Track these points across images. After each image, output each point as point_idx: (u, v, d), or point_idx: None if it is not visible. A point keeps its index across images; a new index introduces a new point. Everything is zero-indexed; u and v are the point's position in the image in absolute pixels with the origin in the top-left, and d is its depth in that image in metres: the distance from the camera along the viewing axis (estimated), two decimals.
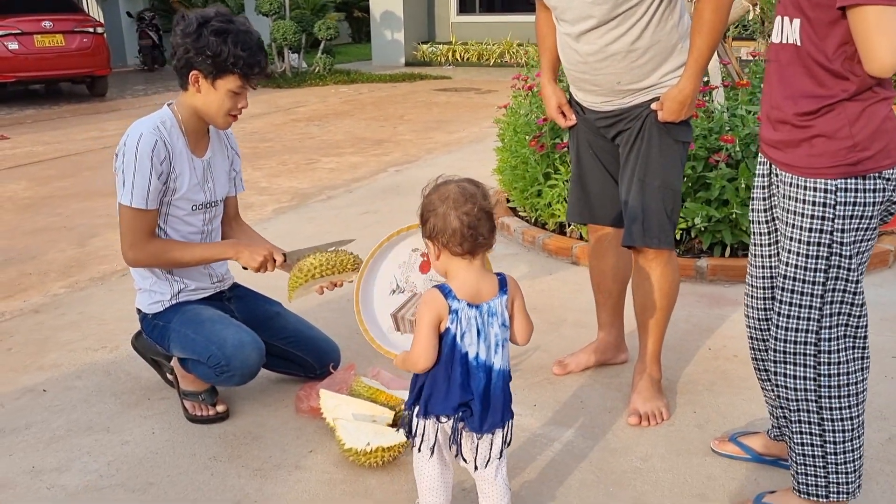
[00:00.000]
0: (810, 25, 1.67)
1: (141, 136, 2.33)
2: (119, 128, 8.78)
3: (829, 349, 1.81)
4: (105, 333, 3.27)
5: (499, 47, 14.44)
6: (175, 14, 11.84)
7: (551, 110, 2.60)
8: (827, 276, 1.77)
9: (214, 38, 2.28)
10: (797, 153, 1.75)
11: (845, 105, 1.68)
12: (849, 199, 1.71)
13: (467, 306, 1.72)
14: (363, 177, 6.13)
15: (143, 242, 2.39)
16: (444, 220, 1.70)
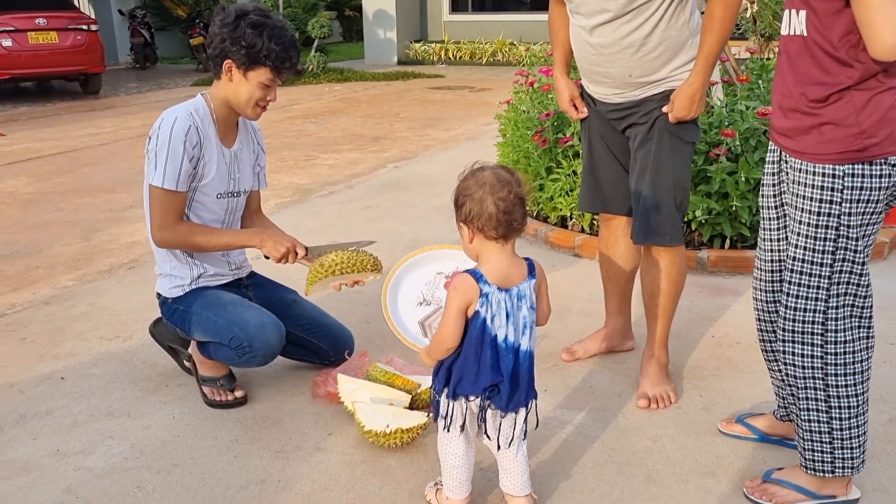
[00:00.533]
0: (816, 16, 1.75)
1: (176, 120, 2.40)
2: (115, 125, 8.81)
3: (835, 328, 1.89)
4: (118, 324, 3.31)
5: (491, 46, 14.52)
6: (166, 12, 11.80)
7: (564, 102, 2.67)
8: (834, 259, 1.84)
9: (251, 30, 2.36)
10: (806, 140, 1.82)
11: (852, 93, 1.75)
12: (856, 184, 1.78)
13: (497, 290, 1.78)
14: (363, 173, 6.18)
15: (172, 223, 2.45)
16: (481, 204, 1.76)
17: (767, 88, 4.15)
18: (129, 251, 4.34)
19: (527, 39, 14.37)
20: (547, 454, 2.29)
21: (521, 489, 1.95)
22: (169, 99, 11.00)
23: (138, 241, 4.49)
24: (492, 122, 7.85)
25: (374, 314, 3.32)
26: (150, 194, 2.46)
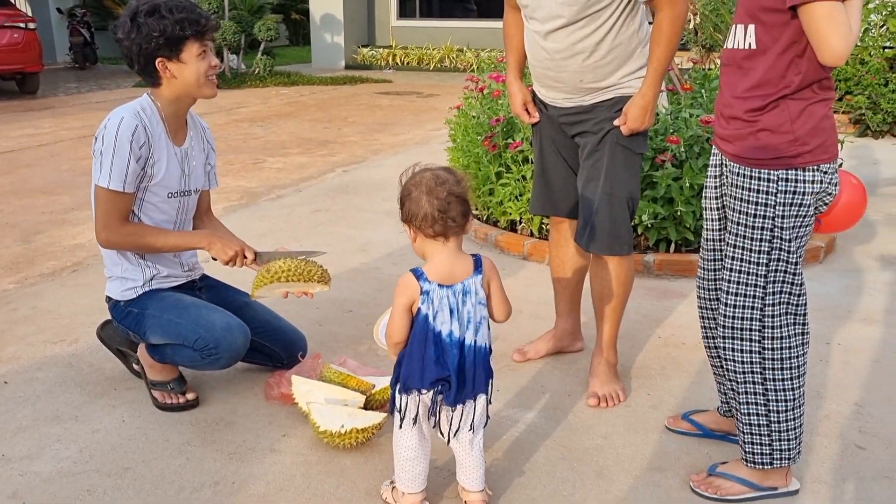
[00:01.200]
0: (764, 29, 1.85)
1: (122, 120, 2.36)
2: (54, 126, 8.59)
3: (772, 325, 1.99)
4: (62, 327, 3.24)
5: (438, 52, 14.59)
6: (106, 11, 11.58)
7: (516, 107, 2.72)
8: (770, 258, 1.94)
9: (151, 18, 2.33)
10: (744, 145, 1.92)
11: (788, 102, 1.85)
12: (789, 189, 1.89)
13: (438, 287, 1.84)
14: (311, 176, 6.16)
15: (117, 224, 2.42)
16: (417, 204, 1.83)
17: (710, 97, 4.28)
18: (71, 254, 4.24)
19: (474, 46, 14.50)
20: (500, 452, 2.32)
21: (476, 484, 1.99)
22: (110, 100, 10.77)
23: (81, 244, 4.39)
24: (440, 128, 7.91)
25: (326, 316, 3.32)
26: (95, 195, 2.42)
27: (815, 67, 1.83)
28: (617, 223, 2.52)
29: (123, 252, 2.52)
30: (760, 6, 1.84)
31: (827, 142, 1.88)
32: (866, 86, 7.63)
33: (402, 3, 15.83)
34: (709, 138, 3.77)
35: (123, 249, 2.50)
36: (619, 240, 2.54)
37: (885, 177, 5.98)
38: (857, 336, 3.12)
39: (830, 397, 2.64)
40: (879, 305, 3.45)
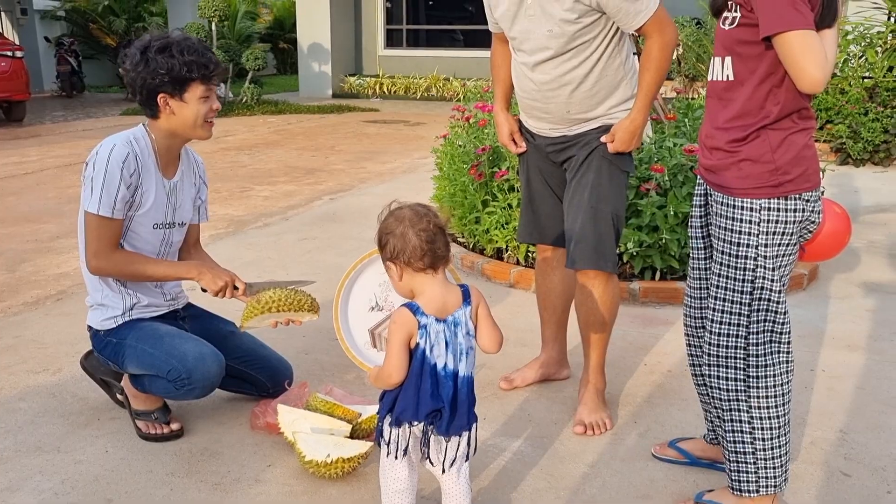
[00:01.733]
0: (741, 61, 1.89)
1: (114, 147, 2.38)
2: (41, 154, 8.57)
3: (756, 353, 2.00)
4: (46, 357, 3.22)
5: (425, 81, 14.71)
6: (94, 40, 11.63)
7: (503, 137, 2.75)
8: (753, 287, 1.96)
9: (161, 56, 2.35)
10: (727, 175, 1.95)
11: (768, 132, 1.89)
12: (772, 217, 1.91)
13: (435, 321, 1.82)
14: (298, 204, 6.17)
15: (107, 251, 2.41)
16: (403, 238, 1.82)
17: (693, 126, 4.34)
18: (56, 283, 4.22)
19: (460, 75, 14.61)
20: (486, 481, 2.31)
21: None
22: (97, 128, 10.77)
23: (66, 273, 4.37)
24: (427, 156, 7.95)
25: (312, 345, 3.31)
26: (85, 221, 2.42)
27: (793, 97, 1.86)
28: (601, 239, 2.52)
29: (105, 279, 2.51)
30: (735, 39, 1.88)
31: (808, 170, 1.91)
32: (846, 115, 7.74)
33: (389, 33, 15.97)
34: (692, 167, 3.81)
35: (112, 277, 2.49)
36: (603, 256, 2.54)
37: (866, 204, 6.06)
38: (841, 363, 3.14)
39: (816, 424, 2.65)
40: (863, 332, 3.47)
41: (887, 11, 8.94)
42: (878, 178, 7.08)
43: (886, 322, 3.59)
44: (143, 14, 17.57)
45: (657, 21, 2.38)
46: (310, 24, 15.07)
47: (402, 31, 15.98)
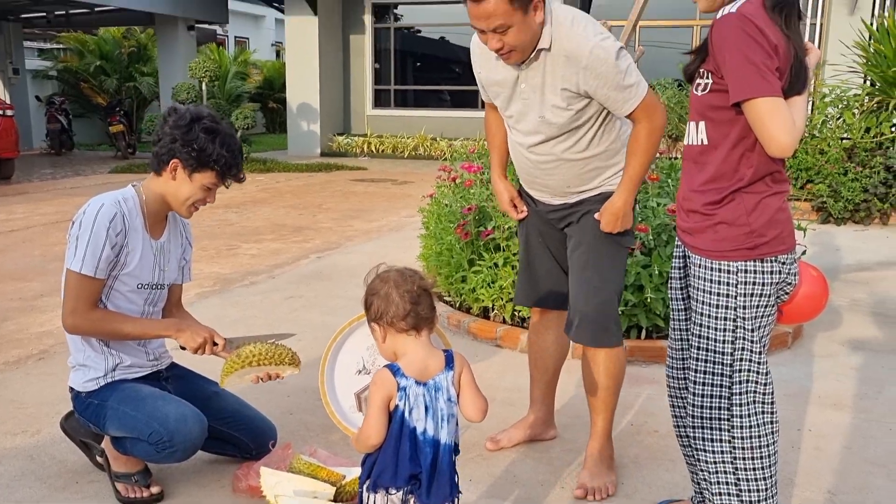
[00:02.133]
0: (714, 126, 1.94)
1: (102, 206, 2.39)
2: (27, 211, 8.57)
3: (740, 414, 2.01)
4: (25, 417, 3.17)
5: (413, 140, 14.90)
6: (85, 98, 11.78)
7: (504, 204, 2.76)
8: (734, 347, 1.98)
9: (204, 134, 2.42)
10: (704, 238, 1.99)
11: (743, 196, 1.93)
12: (749, 279, 1.94)
13: (415, 384, 1.82)
14: (285, 262, 6.17)
15: (85, 310, 2.40)
16: (388, 299, 1.83)
17: (676, 186, 4.41)
18: (39, 342, 4.18)
19: (448, 135, 14.83)
20: None
21: None
22: (84, 185, 10.80)
23: (49, 332, 4.33)
24: (414, 215, 8.00)
25: (297, 405, 3.28)
26: (65, 280, 2.42)
27: (766, 161, 1.91)
28: (605, 317, 2.54)
29: (88, 339, 2.50)
30: (708, 104, 1.93)
31: (783, 233, 1.95)
32: (826, 175, 7.89)
33: (377, 93, 16.24)
34: (675, 227, 3.86)
35: (89, 335, 2.47)
36: (606, 332, 2.55)
37: (847, 263, 6.13)
38: (827, 422, 3.14)
39: (803, 485, 2.63)
40: (848, 391, 3.48)
41: (863, 75, 9.20)
42: (859, 237, 7.18)
43: (871, 380, 3.61)
44: (134, 74, 17.81)
45: (646, 107, 2.37)
46: (299, 84, 15.30)
47: (390, 91, 16.26)
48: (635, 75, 2.35)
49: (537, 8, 2.28)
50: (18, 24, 16.75)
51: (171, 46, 15.90)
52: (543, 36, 2.33)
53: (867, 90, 8.72)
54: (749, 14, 1.81)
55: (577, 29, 2.33)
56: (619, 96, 2.35)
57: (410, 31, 16.57)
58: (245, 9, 23.96)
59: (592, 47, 2.29)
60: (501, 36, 2.26)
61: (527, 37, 2.29)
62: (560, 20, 2.34)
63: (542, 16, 2.30)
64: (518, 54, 2.34)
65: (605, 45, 2.30)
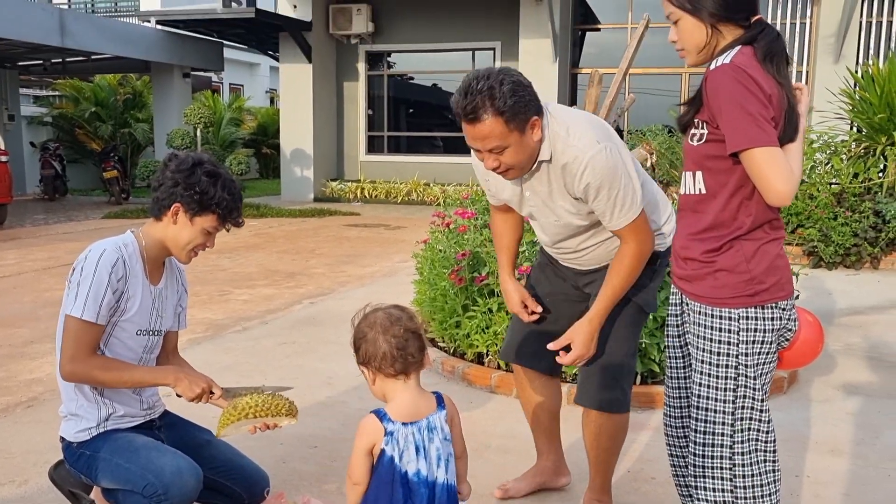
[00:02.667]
0: (711, 175, 1.94)
1: (104, 252, 2.39)
2: (19, 257, 8.54)
3: (742, 463, 1.97)
4: (12, 467, 3.11)
5: (406, 186, 14.98)
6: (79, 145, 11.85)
7: (514, 306, 2.67)
8: (736, 395, 1.95)
9: (206, 178, 2.43)
10: (703, 285, 1.96)
11: (742, 243, 1.91)
12: (749, 326, 1.92)
13: (403, 426, 1.81)
14: (278, 308, 6.15)
15: (85, 356, 2.37)
16: (374, 344, 1.82)
17: None
18: (28, 389, 4.13)
19: (440, 180, 14.92)
20: None
21: None
22: (77, 231, 10.79)
23: (38, 379, 4.28)
24: (408, 260, 8.01)
25: (290, 453, 3.24)
26: (64, 325, 2.39)
27: (764, 208, 1.91)
28: (613, 379, 2.50)
29: (81, 387, 2.47)
30: (704, 154, 1.92)
31: (782, 279, 1.95)
32: (817, 220, 7.95)
33: (370, 139, 16.37)
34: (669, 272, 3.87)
35: (86, 383, 2.44)
36: (608, 395, 2.51)
37: (840, 307, 6.14)
38: (825, 468, 3.12)
39: None
40: (845, 436, 3.46)
41: (849, 121, 9.34)
42: (851, 281, 7.21)
43: (868, 425, 3.59)
44: (129, 120, 17.92)
45: (636, 228, 2.34)
46: (293, 131, 15.43)
47: (383, 137, 16.40)
48: (631, 195, 2.28)
49: (535, 126, 2.22)
50: (15, 70, 16.89)
51: (166, 93, 16.05)
52: (543, 150, 2.29)
53: (854, 136, 8.85)
54: (742, 65, 1.82)
55: (572, 140, 2.26)
56: (615, 211, 2.29)
57: (403, 78, 16.78)
58: (240, 57, 24.25)
59: (589, 159, 2.23)
60: (498, 156, 2.21)
61: (524, 156, 2.24)
62: (556, 132, 2.28)
63: (541, 133, 2.25)
64: (516, 172, 2.30)
65: (602, 158, 2.24)
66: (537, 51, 13.32)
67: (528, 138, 2.22)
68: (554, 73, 13.36)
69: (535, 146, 2.26)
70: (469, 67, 15.45)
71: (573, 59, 14.70)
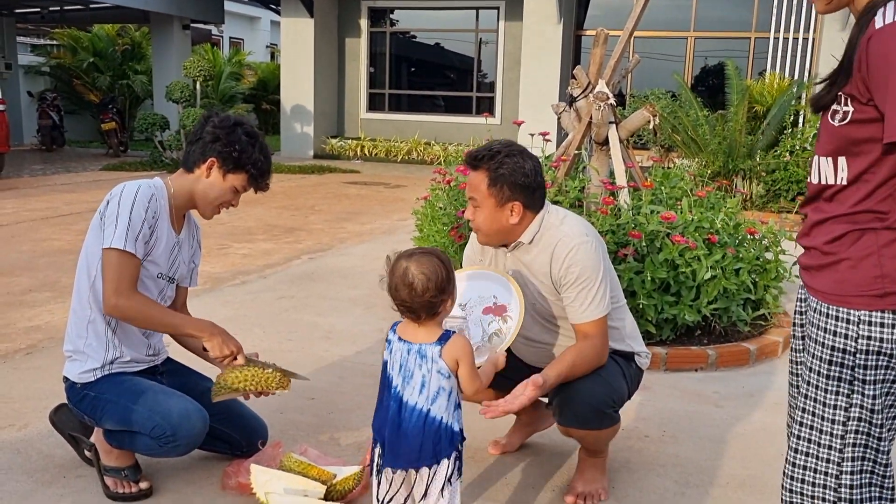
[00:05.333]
0: (854, 161, 1.56)
1: (139, 188, 2.42)
2: (16, 207, 8.51)
3: (850, 498, 1.61)
4: (11, 411, 3.14)
5: (406, 145, 14.90)
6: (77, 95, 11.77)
7: None
8: (848, 416, 1.59)
9: (246, 137, 2.49)
10: (822, 277, 1.63)
11: (878, 234, 1.55)
12: (873, 334, 1.55)
13: (398, 340, 2.01)
14: (276, 263, 6.16)
15: (129, 290, 2.38)
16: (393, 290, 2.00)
17: (670, 193, 4.42)
18: (26, 336, 4.14)
19: (441, 139, 14.84)
20: None
21: None
22: (75, 182, 10.74)
23: (38, 326, 4.30)
24: (406, 218, 8.00)
25: (288, 404, 3.27)
26: (104, 259, 2.38)
27: None
28: (607, 397, 2.39)
29: (93, 325, 2.47)
30: (846, 137, 1.56)
31: None
32: None
33: (371, 97, 16.24)
34: (668, 234, 3.87)
35: (128, 319, 2.44)
36: (603, 414, 2.39)
37: None
38: None
39: None
40: None
41: None
42: None
43: None
44: (127, 72, 17.75)
45: (600, 326, 2.35)
46: (293, 87, 15.30)
47: (384, 95, 16.26)
48: (603, 293, 2.33)
49: (513, 211, 2.35)
50: (12, 18, 16.66)
51: (165, 45, 15.86)
52: (525, 234, 2.40)
53: None
54: None
55: (565, 228, 2.38)
56: (583, 301, 2.32)
57: (406, 35, 16.58)
58: (241, 10, 23.93)
59: (577, 244, 2.33)
60: (473, 209, 2.39)
61: (491, 226, 2.38)
62: (551, 222, 2.41)
63: (518, 221, 2.36)
64: (482, 236, 2.45)
65: (589, 248, 2.34)
66: (542, 10, 13.13)
67: (501, 214, 2.36)
68: (558, 33, 13.20)
69: (506, 226, 2.38)
70: (472, 26, 15.28)
71: (578, 20, 14.52)
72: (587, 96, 4.50)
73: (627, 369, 2.54)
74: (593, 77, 4.52)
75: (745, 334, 4.14)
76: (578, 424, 2.39)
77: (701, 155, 9.39)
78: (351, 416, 3.20)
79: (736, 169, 9.05)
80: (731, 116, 9.44)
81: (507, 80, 14.72)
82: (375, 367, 3.76)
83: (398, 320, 2.04)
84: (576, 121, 4.64)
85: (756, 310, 4.17)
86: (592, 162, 4.62)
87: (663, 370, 3.81)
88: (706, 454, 2.93)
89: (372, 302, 4.93)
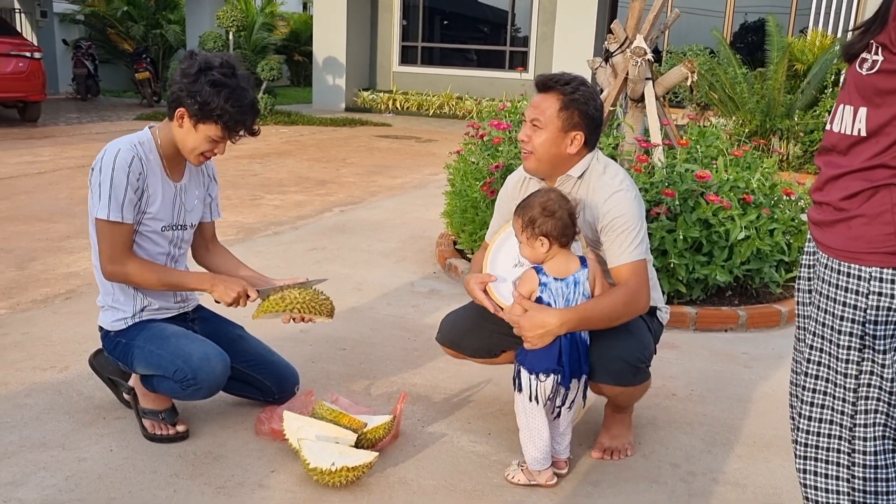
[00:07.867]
0: (878, 112, 1.55)
1: (119, 151, 2.40)
2: (54, 154, 8.64)
3: (864, 450, 1.62)
4: (53, 354, 3.23)
5: (438, 99, 14.79)
6: (111, 44, 11.71)
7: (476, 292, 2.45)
8: (860, 371, 1.60)
9: (209, 87, 2.34)
10: (834, 233, 1.62)
11: (892, 188, 1.54)
12: (885, 291, 1.55)
13: (554, 280, 2.25)
14: (308, 215, 6.20)
15: (122, 256, 2.43)
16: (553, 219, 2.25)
17: (705, 152, 4.36)
18: (65, 282, 4.24)
19: (473, 94, 14.70)
20: (493, 498, 2.31)
21: (563, 451, 2.43)
22: (110, 131, 10.85)
23: (76, 272, 4.39)
24: (437, 172, 7.99)
25: (319, 353, 3.32)
26: (96, 228, 2.44)
27: None
28: (641, 354, 2.39)
29: None
30: (874, 87, 1.54)
31: None
32: None
33: (404, 50, 16.09)
34: (703, 193, 3.83)
35: (126, 283, 2.50)
36: (636, 371, 2.39)
37: None
38: None
39: None
40: None
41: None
42: None
43: None
44: (161, 21, 17.74)
45: (637, 271, 2.33)
46: (326, 38, 15.20)
47: (416, 48, 16.11)
48: (641, 239, 2.36)
49: (574, 141, 2.38)
50: None
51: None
52: (574, 168, 2.43)
53: None
54: None
55: (607, 177, 2.42)
56: (621, 244, 2.33)
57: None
58: None
59: (617, 190, 2.37)
60: (531, 132, 2.39)
61: (548, 150, 2.39)
62: (595, 167, 2.45)
63: (576, 151, 2.40)
64: (534, 161, 2.43)
65: (629, 196, 2.38)
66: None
67: (562, 140, 2.38)
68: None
69: (563, 153, 2.40)
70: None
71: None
72: (624, 51, 4.42)
73: (651, 324, 2.56)
74: (631, 32, 4.43)
75: (776, 296, 4.11)
76: (613, 381, 2.38)
77: (738, 113, 9.20)
78: (382, 366, 3.25)
79: (773, 128, 8.87)
80: (770, 74, 9.22)
81: (542, 34, 14.48)
82: (406, 320, 3.81)
83: (536, 266, 2.26)
84: (611, 76, 4.57)
85: (789, 272, 4.13)
86: (627, 119, 4.56)
87: (693, 330, 3.81)
88: (733, 413, 2.94)
89: (402, 255, 4.96)
